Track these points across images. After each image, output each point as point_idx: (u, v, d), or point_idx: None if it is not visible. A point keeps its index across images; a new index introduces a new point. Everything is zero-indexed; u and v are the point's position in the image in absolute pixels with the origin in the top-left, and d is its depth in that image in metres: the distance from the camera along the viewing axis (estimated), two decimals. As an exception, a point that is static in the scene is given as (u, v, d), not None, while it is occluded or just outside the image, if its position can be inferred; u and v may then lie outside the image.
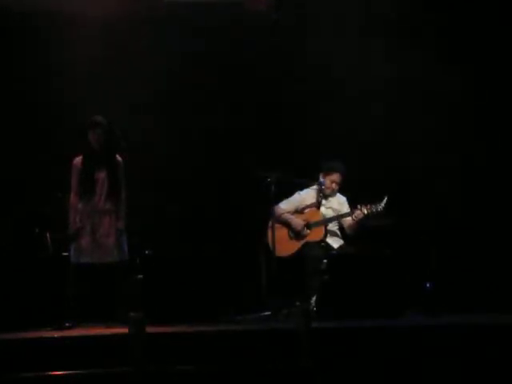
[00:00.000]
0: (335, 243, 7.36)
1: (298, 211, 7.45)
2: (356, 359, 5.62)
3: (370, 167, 8.10)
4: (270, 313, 6.93)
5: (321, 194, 7.40)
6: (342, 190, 7.51)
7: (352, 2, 8.17)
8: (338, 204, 7.50)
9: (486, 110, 8.22)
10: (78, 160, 6.80)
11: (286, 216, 7.40)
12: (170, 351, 5.56)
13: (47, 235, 7.27)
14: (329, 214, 7.41)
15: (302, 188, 7.55)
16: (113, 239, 6.70)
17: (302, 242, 7.30)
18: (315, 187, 7.46)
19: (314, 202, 7.42)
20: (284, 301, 6.96)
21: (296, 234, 7.34)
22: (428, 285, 7.42)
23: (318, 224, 7.31)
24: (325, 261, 7.06)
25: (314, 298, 6.95)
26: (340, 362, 5.57)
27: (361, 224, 7.29)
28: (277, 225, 7.24)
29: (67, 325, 6.46)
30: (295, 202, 7.50)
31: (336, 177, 7.41)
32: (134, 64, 8.11)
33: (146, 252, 7.19)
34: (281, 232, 7.30)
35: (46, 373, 5.30)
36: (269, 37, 8.15)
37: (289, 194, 7.52)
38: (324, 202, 7.43)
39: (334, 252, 7.25)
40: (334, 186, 7.43)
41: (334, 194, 7.49)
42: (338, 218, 7.40)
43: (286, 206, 7.46)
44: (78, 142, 6.84)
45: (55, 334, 6.05)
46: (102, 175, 6.74)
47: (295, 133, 8.35)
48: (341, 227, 7.46)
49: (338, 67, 8.08)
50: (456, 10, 8.19)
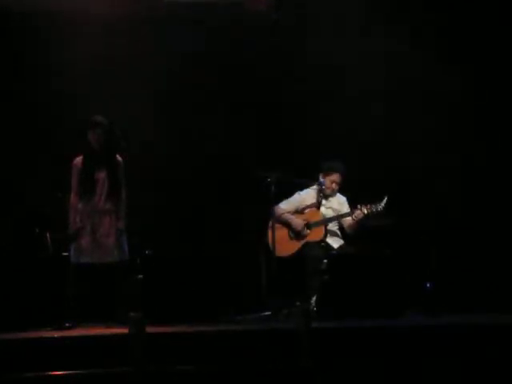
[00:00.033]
0: (335, 243, 7.36)
1: (298, 211, 7.45)
2: (356, 359, 5.61)
3: (370, 167, 8.09)
4: (270, 313, 6.93)
5: (321, 194, 7.41)
6: (342, 189, 7.52)
7: (352, 1, 8.17)
8: (338, 204, 7.50)
9: (485, 110, 8.22)
10: (78, 160, 6.79)
11: (286, 216, 7.40)
12: (170, 351, 5.56)
13: (47, 235, 7.27)
14: (329, 214, 7.41)
15: (302, 188, 7.55)
16: (113, 239, 6.70)
17: (302, 242, 7.30)
18: (315, 187, 7.46)
19: (314, 202, 7.42)
20: (284, 301, 6.96)
21: (296, 234, 7.34)
22: (428, 285, 7.42)
23: (318, 224, 7.31)
24: (325, 261, 7.07)
25: (314, 298, 6.95)
26: (340, 362, 5.57)
27: (361, 224, 7.29)
28: (277, 225, 7.24)
29: (67, 325, 6.46)
30: (295, 202, 7.50)
31: (336, 177, 7.41)
32: (133, 64, 8.11)
33: (146, 252, 7.19)
34: (281, 232, 7.30)
35: (46, 373, 5.30)
36: (269, 37, 8.16)
37: (289, 194, 7.52)
38: (324, 202, 7.43)
39: (334, 252, 7.25)
40: (334, 186, 7.43)
41: (334, 194, 7.49)
42: (338, 218, 7.40)
43: (286, 206, 7.46)
44: (78, 141, 6.84)
45: (55, 334, 6.05)
46: (102, 175, 6.74)
47: (295, 133, 8.35)
48: (341, 227, 7.46)
49: (337, 67, 8.07)
50: (456, 10, 8.19)
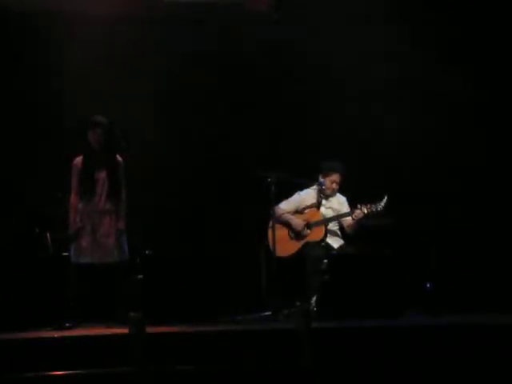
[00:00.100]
0: (335, 243, 7.36)
1: (298, 211, 7.45)
2: (356, 359, 5.61)
3: (370, 167, 8.10)
4: (270, 313, 6.92)
5: (321, 195, 7.41)
6: (342, 189, 7.51)
7: (352, 2, 8.16)
8: (338, 204, 7.50)
9: (485, 110, 8.22)
10: (78, 160, 6.79)
11: (287, 216, 7.39)
12: (170, 351, 5.55)
13: (47, 235, 7.27)
14: (329, 214, 7.41)
15: (302, 188, 7.54)
16: (113, 239, 6.69)
17: (303, 242, 7.30)
18: (315, 187, 7.46)
19: (314, 203, 7.42)
20: (284, 301, 6.96)
21: (296, 234, 7.34)
22: (428, 285, 7.42)
23: (318, 224, 7.31)
24: (325, 261, 7.06)
25: (314, 298, 6.95)
26: (340, 362, 5.57)
27: (361, 224, 7.30)
28: (277, 225, 7.24)
29: (67, 325, 6.45)
30: (295, 202, 7.49)
31: (336, 177, 7.41)
32: (133, 64, 8.11)
33: (146, 252, 7.18)
34: (281, 232, 7.30)
35: (46, 373, 5.29)
36: (269, 37, 8.16)
37: (289, 194, 7.52)
38: (324, 202, 7.43)
39: (334, 252, 7.25)
40: (334, 186, 7.43)
41: (334, 194, 7.49)
42: (338, 218, 7.40)
43: (286, 206, 7.46)
44: (78, 141, 6.84)
45: (55, 334, 6.04)
46: (102, 175, 6.73)
47: (295, 133, 8.35)
48: (341, 227, 7.46)
49: (338, 67, 8.08)
50: (456, 10, 8.19)
